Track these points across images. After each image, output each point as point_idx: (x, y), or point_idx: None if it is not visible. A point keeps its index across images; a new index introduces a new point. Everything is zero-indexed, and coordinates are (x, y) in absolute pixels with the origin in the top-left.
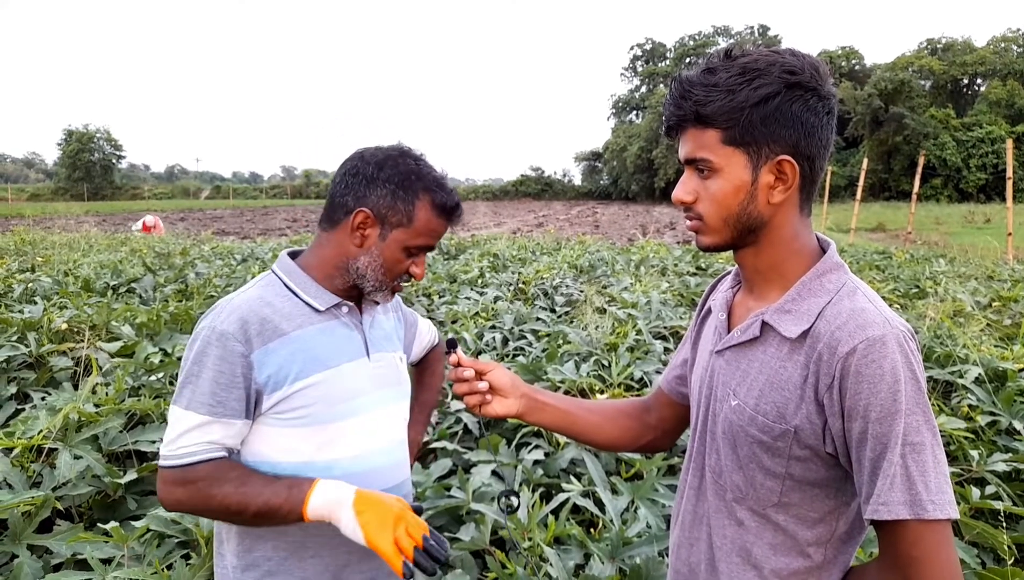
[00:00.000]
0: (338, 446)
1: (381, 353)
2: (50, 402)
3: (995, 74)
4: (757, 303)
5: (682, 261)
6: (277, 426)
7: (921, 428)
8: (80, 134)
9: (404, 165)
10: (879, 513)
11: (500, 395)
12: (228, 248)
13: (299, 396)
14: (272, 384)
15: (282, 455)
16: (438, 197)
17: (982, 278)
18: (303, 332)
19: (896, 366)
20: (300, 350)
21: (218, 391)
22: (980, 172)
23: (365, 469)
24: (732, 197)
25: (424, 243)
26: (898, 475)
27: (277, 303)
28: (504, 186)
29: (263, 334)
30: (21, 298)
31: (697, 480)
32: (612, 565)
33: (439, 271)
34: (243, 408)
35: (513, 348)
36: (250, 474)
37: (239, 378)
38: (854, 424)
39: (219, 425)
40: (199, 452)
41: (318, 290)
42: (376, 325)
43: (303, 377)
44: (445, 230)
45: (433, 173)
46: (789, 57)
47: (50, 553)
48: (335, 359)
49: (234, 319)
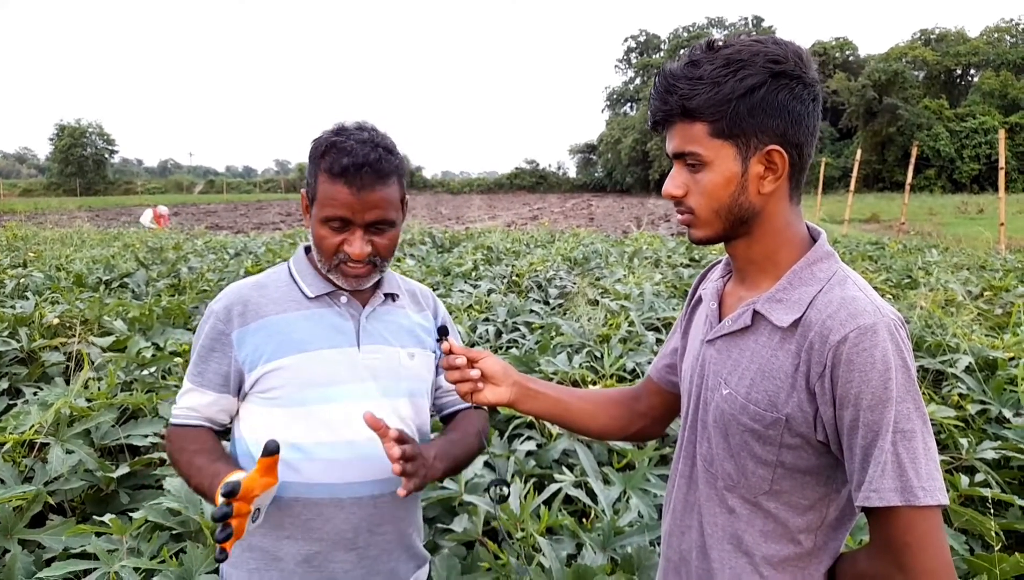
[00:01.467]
0: (311, 431)
1: (377, 345)
2: (42, 397)
3: (988, 64)
4: (748, 292)
5: (675, 253)
6: (258, 404)
7: (912, 415)
8: (72, 129)
9: (318, 139)
10: (870, 500)
11: (492, 383)
12: (221, 242)
13: (272, 376)
14: (249, 363)
15: (264, 433)
16: (327, 161)
17: (974, 268)
18: (286, 316)
19: (887, 354)
20: (277, 333)
21: (198, 362)
22: (973, 162)
23: (349, 457)
24: (723, 189)
25: (331, 214)
26: (889, 462)
27: (271, 288)
28: (499, 179)
29: (245, 315)
30: (13, 293)
31: (688, 469)
32: (604, 555)
33: (433, 264)
34: (220, 382)
35: (506, 340)
36: (199, 452)
37: (217, 353)
38: (845, 412)
39: (197, 393)
40: (180, 416)
41: (315, 278)
42: (380, 318)
43: (275, 358)
44: (349, 196)
45: (333, 139)
46: (772, 46)
47: (42, 548)
48: (313, 344)
49: (224, 300)
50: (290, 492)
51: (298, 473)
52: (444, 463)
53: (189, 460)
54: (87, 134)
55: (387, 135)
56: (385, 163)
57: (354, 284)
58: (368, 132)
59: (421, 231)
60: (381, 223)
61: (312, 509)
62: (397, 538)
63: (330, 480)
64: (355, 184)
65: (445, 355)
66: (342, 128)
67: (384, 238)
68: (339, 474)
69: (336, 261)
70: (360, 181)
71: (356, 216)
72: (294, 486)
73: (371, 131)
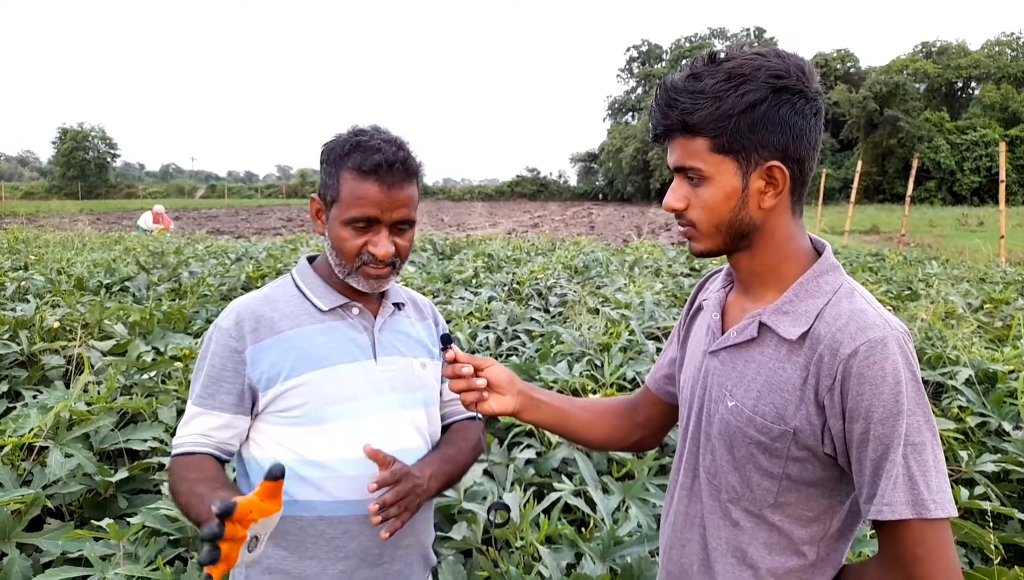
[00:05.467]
0: (335, 448)
1: (392, 357)
2: (42, 400)
3: (989, 77)
4: (752, 303)
5: (676, 262)
6: (276, 423)
7: (922, 428)
8: (75, 132)
9: (335, 141)
10: (883, 513)
11: (497, 392)
12: (222, 247)
13: (292, 394)
14: (266, 381)
15: (280, 453)
16: (355, 159)
17: (974, 281)
18: (300, 331)
19: (897, 367)
20: (294, 348)
21: (209, 384)
22: (974, 175)
23: (374, 472)
24: (723, 204)
25: (359, 214)
26: (900, 475)
27: (281, 303)
28: (500, 186)
29: (258, 331)
30: (14, 296)
31: (689, 481)
32: (603, 564)
33: (434, 271)
34: (233, 402)
35: (507, 348)
36: (200, 482)
37: (229, 372)
38: (855, 425)
39: (208, 416)
40: (187, 444)
41: (325, 290)
42: (391, 328)
43: (294, 375)
44: (379, 194)
45: (357, 139)
46: (775, 60)
47: (40, 551)
48: (331, 359)
49: (232, 316)
50: (314, 511)
51: (322, 491)
52: (439, 482)
53: (190, 489)
54: (89, 137)
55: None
56: (411, 162)
57: (375, 286)
58: (388, 133)
59: (422, 238)
60: (405, 222)
61: (338, 527)
62: (419, 550)
63: (356, 497)
64: (386, 181)
65: (449, 364)
66: (361, 129)
67: (405, 239)
68: (363, 491)
69: (359, 263)
70: (391, 178)
71: (384, 214)
72: (317, 505)
73: (389, 132)
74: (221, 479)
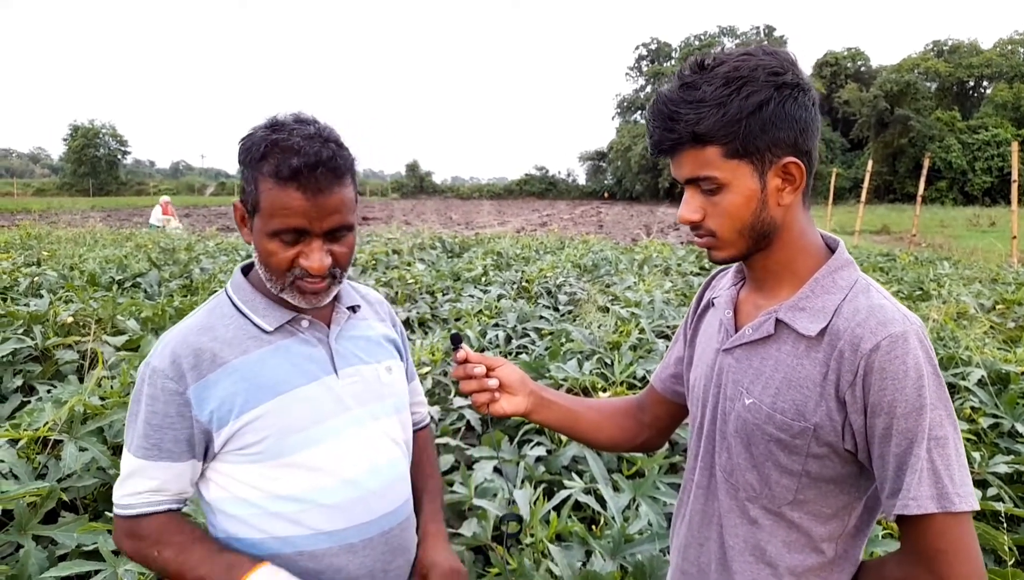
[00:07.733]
0: (307, 478)
1: (355, 366)
2: (56, 394)
3: (1001, 77)
4: (766, 300)
5: (685, 261)
6: (236, 462)
7: (944, 422)
8: (86, 129)
9: (250, 139)
10: (908, 508)
11: (509, 393)
12: (232, 244)
13: (248, 430)
14: (216, 420)
15: (245, 492)
16: (271, 164)
17: (986, 281)
18: (247, 358)
19: (919, 362)
20: (242, 379)
21: (151, 433)
22: (985, 175)
23: (353, 497)
24: (744, 208)
25: (282, 225)
26: (925, 470)
27: (220, 329)
28: (508, 185)
29: (198, 367)
30: (27, 292)
31: (706, 479)
32: (613, 562)
33: (443, 269)
34: (182, 450)
35: (516, 346)
36: (194, 542)
37: (173, 418)
38: (878, 420)
39: (156, 469)
40: (142, 504)
41: (267, 307)
42: (348, 335)
43: (248, 408)
44: (304, 202)
45: (274, 137)
46: (766, 57)
47: (55, 544)
48: (288, 383)
49: (166, 354)
50: (292, 547)
51: (299, 525)
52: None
53: (177, 556)
54: (100, 135)
55: (331, 126)
56: (340, 160)
57: (312, 301)
58: (312, 125)
59: (431, 236)
60: (340, 229)
61: (322, 561)
62: (406, 564)
63: (337, 527)
64: (310, 187)
65: (460, 364)
66: (278, 123)
67: (343, 246)
68: (345, 518)
69: (290, 278)
70: (316, 184)
71: (313, 224)
72: (296, 540)
73: (314, 123)
74: (204, 540)
